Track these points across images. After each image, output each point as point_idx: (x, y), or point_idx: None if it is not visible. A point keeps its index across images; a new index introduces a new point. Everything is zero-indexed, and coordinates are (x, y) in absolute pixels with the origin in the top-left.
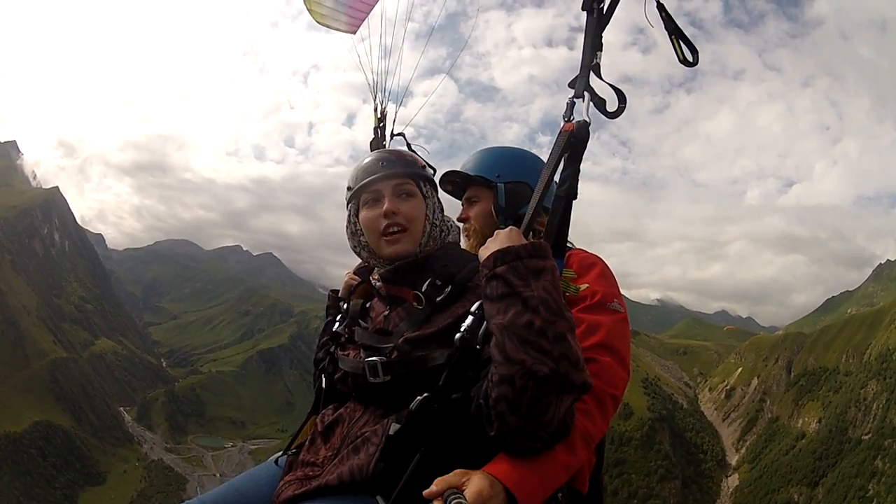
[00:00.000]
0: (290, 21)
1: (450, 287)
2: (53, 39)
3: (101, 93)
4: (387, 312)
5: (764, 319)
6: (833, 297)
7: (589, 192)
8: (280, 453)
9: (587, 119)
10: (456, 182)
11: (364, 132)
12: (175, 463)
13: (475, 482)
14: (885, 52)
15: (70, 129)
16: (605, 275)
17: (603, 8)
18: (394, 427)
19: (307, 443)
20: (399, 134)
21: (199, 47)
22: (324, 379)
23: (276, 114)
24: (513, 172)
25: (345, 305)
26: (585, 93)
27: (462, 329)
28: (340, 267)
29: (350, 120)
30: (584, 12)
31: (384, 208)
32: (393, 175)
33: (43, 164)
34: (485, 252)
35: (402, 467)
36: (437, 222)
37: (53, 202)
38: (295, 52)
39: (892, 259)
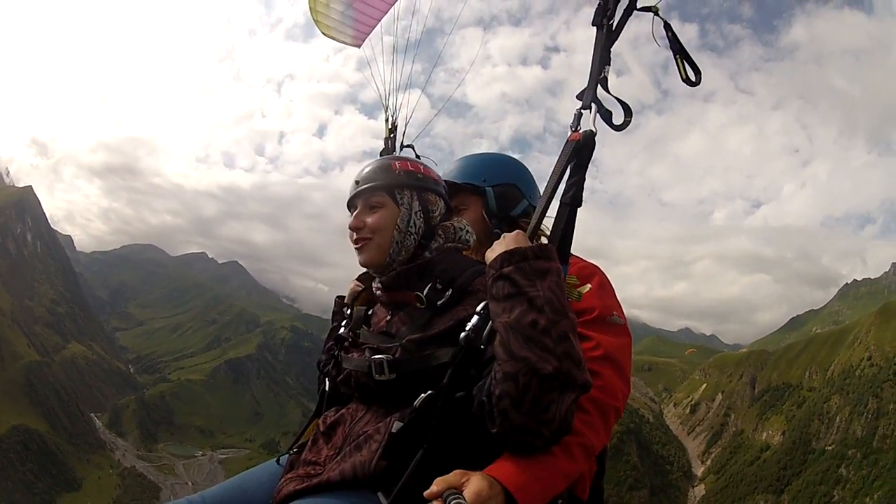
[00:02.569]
0: (268, 30)
1: (450, 291)
2: (28, 36)
3: (76, 92)
4: (389, 317)
5: (728, 337)
6: (798, 315)
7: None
8: (282, 453)
9: (594, 129)
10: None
11: (335, 143)
12: (147, 471)
13: (475, 483)
14: (857, 79)
15: (44, 127)
16: (604, 286)
17: (612, 24)
18: (397, 425)
19: (309, 443)
20: (409, 145)
21: (177, 52)
22: (327, 382)
23: (247, 121)
24: (498, 176)
25: (349, 311)
26: (593, 104)
27: (467, 328)
28: (305, 277)
29: (321, 131)
30: (594, 28)
31: (349, 223)
32: (365, 190)
33: (16, 162)
34: (491, 254)
35: (403, 465)
36: (412, 229)
37: (27, 202)
38: (271, 60)
39: (859, 279)
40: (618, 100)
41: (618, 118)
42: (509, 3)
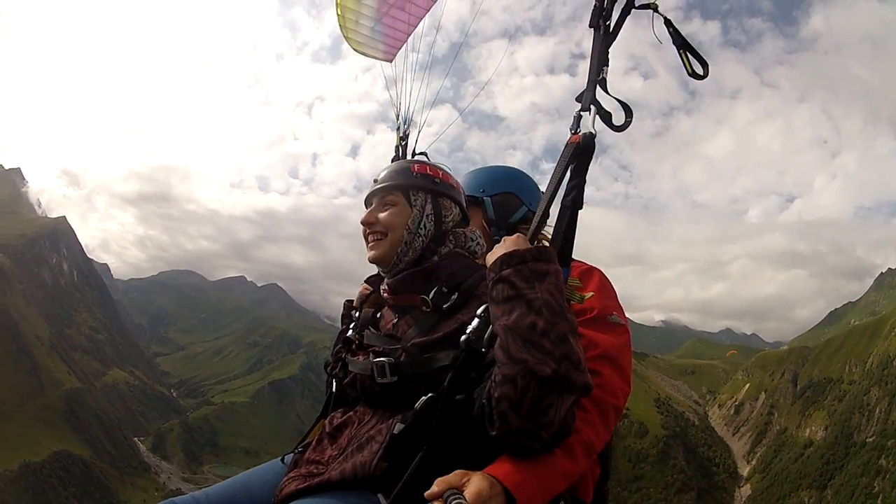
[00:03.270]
0: (294, 53)
1: (456, 295)
2: (59, 67)
3: (106, 122)
4: (395, 320)
5: (768, 335)
6: (836, 309)
7: (592, 218)
8: (287, 452)
9: (593, 131)
10: None
11: (368, 163)
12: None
13: (475, 483)
14: (876, 65)
15: (74, 158)
16: (604, 286)
17: (609, 25)
18: (398, 426)
19: (314, 442)
20: (422, 153)
21: (206, 79)
22: (333, 383)
23: (280, 145)
24: (496, 186)
25: (357, 314)
26: (592, 106)
27: (468, 331)
28: (344, 297)
29: (354, 151)
30: (591, 29)
31: (361, 218)
32: (382, 188)
33: (48, 193)
34: (491, 257)
35: (404, 466)
36: (422, 231)
37: (61, 231)
38: (299, 83)
39: (893, 267)
40: (617, 100)
41: (618, 119)
42: (532, 13)
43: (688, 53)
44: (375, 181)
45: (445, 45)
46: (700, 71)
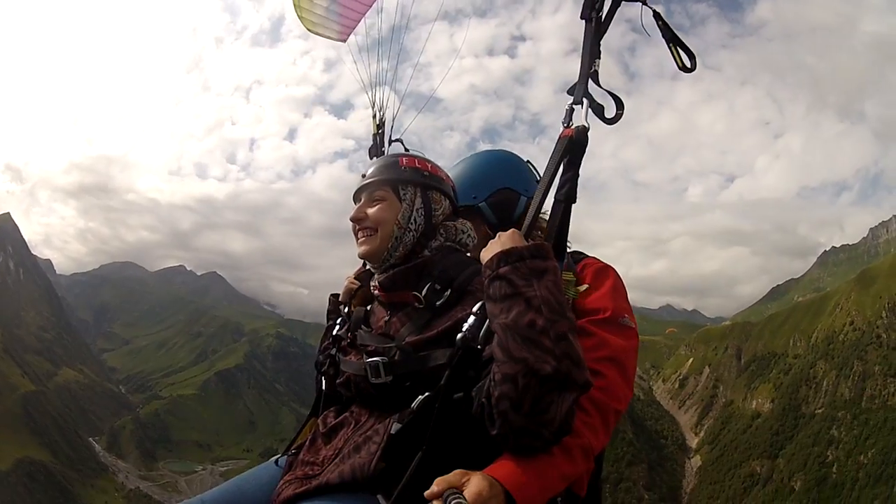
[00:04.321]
0: (234, 37)
1: (449, 291)
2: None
3: (46, 114)
4: (387, 318)
5: (710, 311)
6: (779, 285)
7: None
8: (280, 454)
9: (586, 125)
10: None
11: (306, 146)
12: (152, 490)
13: (475, 483)
14: (826, 54)
15: (16, 153)
16: (618, 288)
17: (601, 16)
18: (395, 426)
19: (307, 443)
20: (397, 139)
21: (145, 65)
22: (324, 381)
23: (218, 130)
24: (486, 186)
25: (346, 309)
26: (584, 99)
27: (464, 329)
28: (284, 283)
29: (292, 135)
30: (583, 21)
31: (350, 214)
32: (370, 183)
33: None
34: (487, 254)
35: (403, 466)
36: (412, 226)
37: (5, 229)
38: (238, 67)
39: (837, 246)
40: (609, 93)
41: (609, 112)
42: None
43: (677, 47)
44: (363, 176)
45: (400, 30)
46: (688, 63)
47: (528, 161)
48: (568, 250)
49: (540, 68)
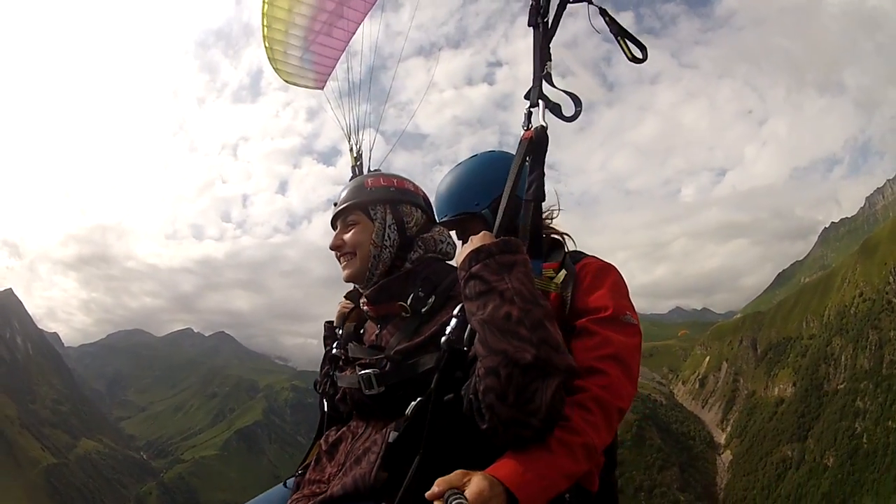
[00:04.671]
0: (215, 96)
1: (433, 298)
2: None
3: (38, 188)
4: (378, 331)
5: (719, 307)
6: (784, 270)
7: None
8: (288, 476)
9: (544, 124)
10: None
11: (299, 197)
12: None
13: (476, 482)
14: (797, 33)
15: (11, 228)
16: (619, 285)
17: (548, 22)
18: (392, 434)
19: (313, 462)
20: (376, 171)
21: (131, 132)
22: (325, 403)
23: (209, 190)
24: (487, 192)
25: (340, 332)
26: (540, 101)
27: (447, 331)
28: (293, 335)
29: (283, 187)
30: (531, 28)
31: (329, 243)
32: (342, 210)
33: None
34: (460, 257)
35: (404, 473)
36: (388, 242)
37: (9, 305)
38: (222, 125)
39: (836, 221)
40: (566, 92)
41: (568, 110)
42: (446, 28)
43: (626, 40)
44: (335, 204)
45: (372, 67)
46: (639, 55)
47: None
48: (567, 251)
49: (520, 91)
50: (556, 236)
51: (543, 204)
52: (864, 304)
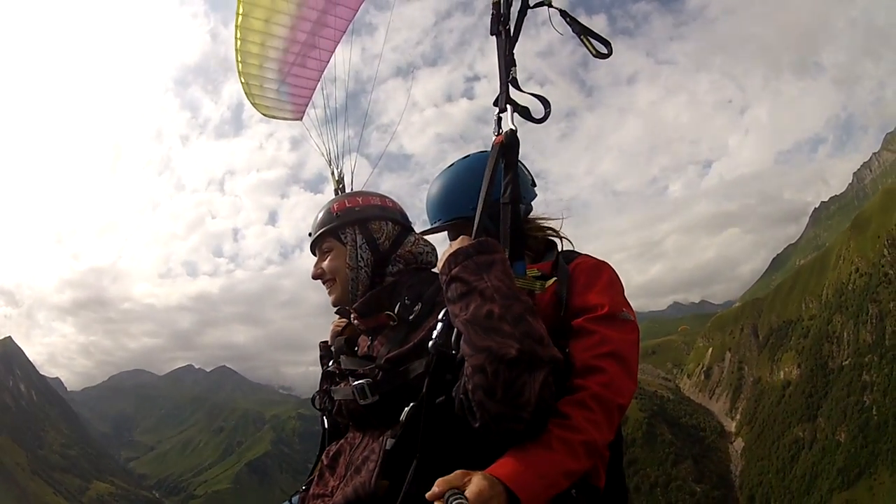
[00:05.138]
0: (198, 132)
1: (419, 305)
2: None
3: (30, 235)
4: (369, 342)
5: (717, 298)
6: (778, 254)
7: None
8: (294, 493)
9: (513, 127)
10: (439, 230)
11: (289, 227)
12: None
13: (476, 482)
14: (768, 19)
15: (7, 276)
16: (614, 283)
17: (510, 30)
18: (389, 442)
19: (316, 477)
20: (345, 193)
21: (117, 174)
22: (325, 419)
23: (199, 226)
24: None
25: (334, 349)
26: (508, 106)
27: (434, 336)
28: (294, 365)
29: (273, 218)
30: (493, 36)
31: (311, 273)
32: (316, 239)
33: None
34: (440, 262)
35: (404, 479)
36: (361, 263)
37: (10, 352)
38: (207, 161)
39: (826, 200)
40: (533, 95)
41: (538, 113)
42: (421, 47)
43: (588, 37)
44: (310, 234)
45: (350, 92)
46: (604, 50)
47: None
48: (559, 250)
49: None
50: (549, 237)
51: (533, 207)
52: (861, 280)
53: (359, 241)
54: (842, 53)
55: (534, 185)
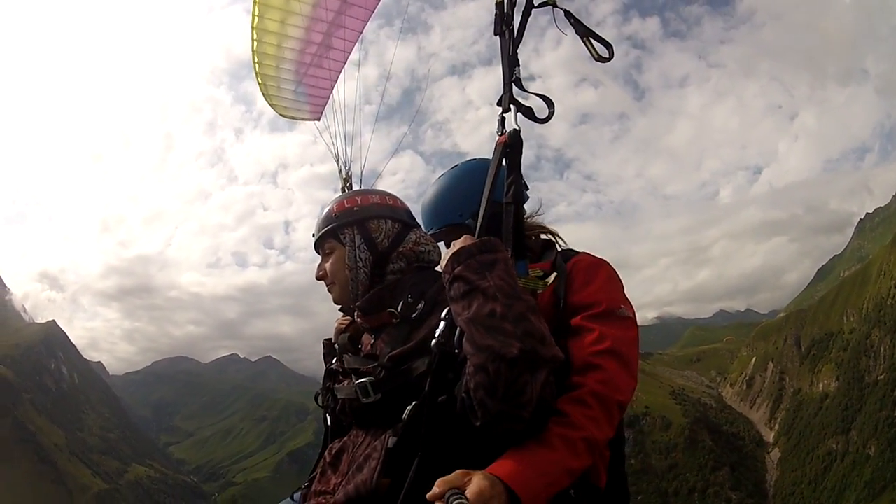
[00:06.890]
0: (252, 126)
1: (422, 303)
2: (24, 173)
3: (78, 222)
4: (373, 341)
5: (762, 307)
6: (823, 265)
7: (567, 234)
8: (296, 490)
9: (517, 127)
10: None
11: None
12: None
13: (476, 482)
14: (813, 25)
15: (50, 260)
16: (612, 280)
17: (513, 30)
18: (391, 440)
19: (318, 475)
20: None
21: (171, 164)
22: (328, 417)
23: (250, 218)
24: (469, 202)
25: (337, 347)
26: (511, 106)
27: (436, 335)
28: None
29: None
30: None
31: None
32: (318, 241)
33: (31, 298)
34: (443, 261)
35: (405, 478)
36: (360, 263)
37: (53, 336)
38: (261, 154)
39: (871, 211)
40: (537, 95)
41: (542, 113)
42: (476, 46)
43: (591, 40)
44: (313, 236)
45: (398, 92)
46: (605, 54)
47: None
48: (559, 249)
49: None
50: (545, 236)
51: (532, 208)
52: None
53: (357, 241)
54: (885, 61)
55: (526, 188)
